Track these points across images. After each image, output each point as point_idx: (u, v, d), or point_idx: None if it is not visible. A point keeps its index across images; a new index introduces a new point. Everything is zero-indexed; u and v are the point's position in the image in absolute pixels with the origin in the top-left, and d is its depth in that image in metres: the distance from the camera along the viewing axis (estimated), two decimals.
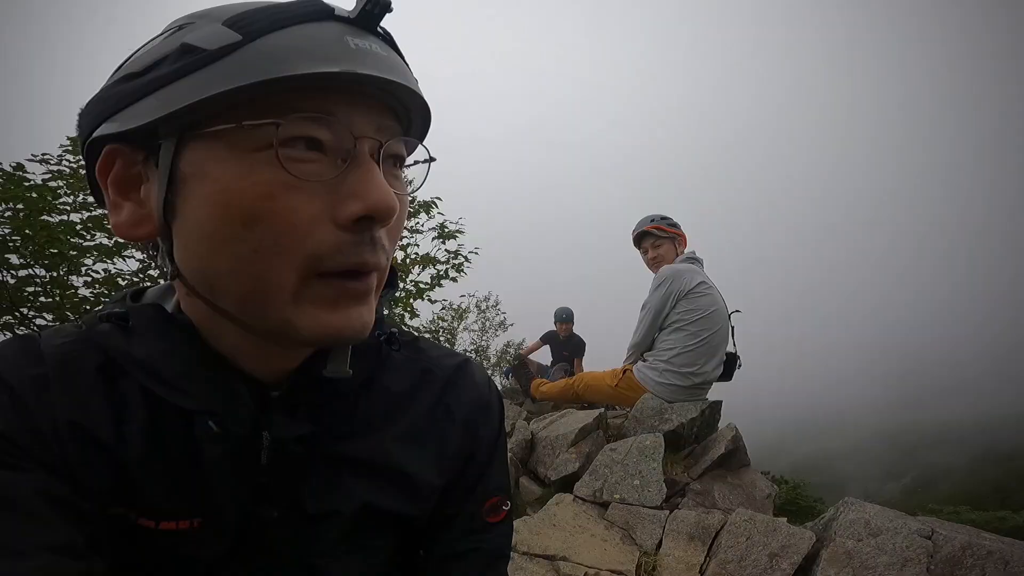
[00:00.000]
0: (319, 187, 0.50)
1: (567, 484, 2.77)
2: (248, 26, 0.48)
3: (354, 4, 0.51)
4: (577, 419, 3.22)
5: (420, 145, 0.59)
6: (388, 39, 0.54)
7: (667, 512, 2.46)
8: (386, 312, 0.74)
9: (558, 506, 2.50)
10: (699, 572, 2.14)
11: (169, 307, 0.62)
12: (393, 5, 0.52)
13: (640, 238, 3.89)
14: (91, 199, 4.10)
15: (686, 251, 3.79)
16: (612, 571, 2.11)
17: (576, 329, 6.27)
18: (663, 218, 3.85)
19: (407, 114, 0.57)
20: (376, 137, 0.52)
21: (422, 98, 0.55)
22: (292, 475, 0.60)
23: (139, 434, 0.55)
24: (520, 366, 4.94)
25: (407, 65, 0.56)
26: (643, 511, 2.46)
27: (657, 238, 3.80)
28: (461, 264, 5.85)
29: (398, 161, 0.57)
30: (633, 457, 2.73)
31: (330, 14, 0.50)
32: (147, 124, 0.49)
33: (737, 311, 3.69)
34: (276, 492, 0.59)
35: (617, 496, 2.56)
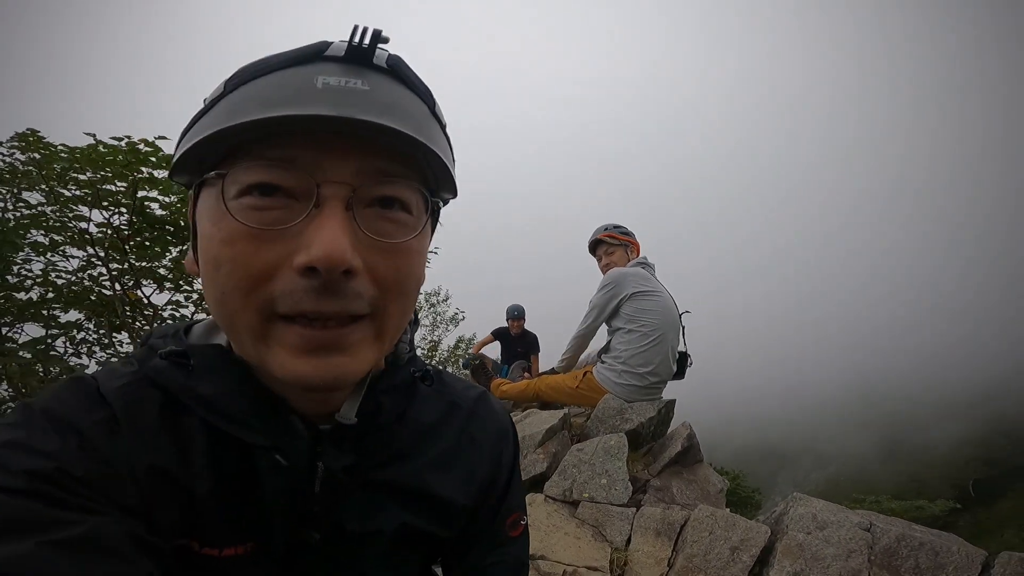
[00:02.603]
0: (284, 234, 0.50)
1: (536, 483, 2.86)
2: (233, 79, 0.52)
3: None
4: (542, 419, 3.31)
5: (419, 188, 0.55)
6: (397, 73, 0.53)
7: (634, 509, 2.58)
8: None
9: (531, 506, 2.59)
10: (667, 565, 2.27)
11: (223, 343, 0.64)
12: (388, 36, 0.51)
13: (595, 246, 4.10)
14: (30, 197, 3.88)
15: (638, 258, 3.97)
16: (588, 567, 2.21)
17: (529, 327, 6.28)
18: (616, 227, 4.06)
19: (417, 154, 0.53)
20: (347, 181, 0.51)
21: (414, 138, 0.50)
22: (337, 500, 0.64)
23: (206, 469, 0.57)
24: (480, 367, 4.90)
25: (423, 98, 0.55)
26: (612, 509, 2.58)
27: (610, 245, 4.01)
28: None
29: (396, 203, 0.54)
30: (599, 457, 2.85)
31: (319, 55, 0.51)
32: (175, 171, 0.55)
33: (687, 312, 3.89)
34: (321, 516, 0.63)
35: (586, 495, 2.67)
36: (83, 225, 3.86)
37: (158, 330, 0.68)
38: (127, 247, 3.98)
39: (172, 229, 4.18)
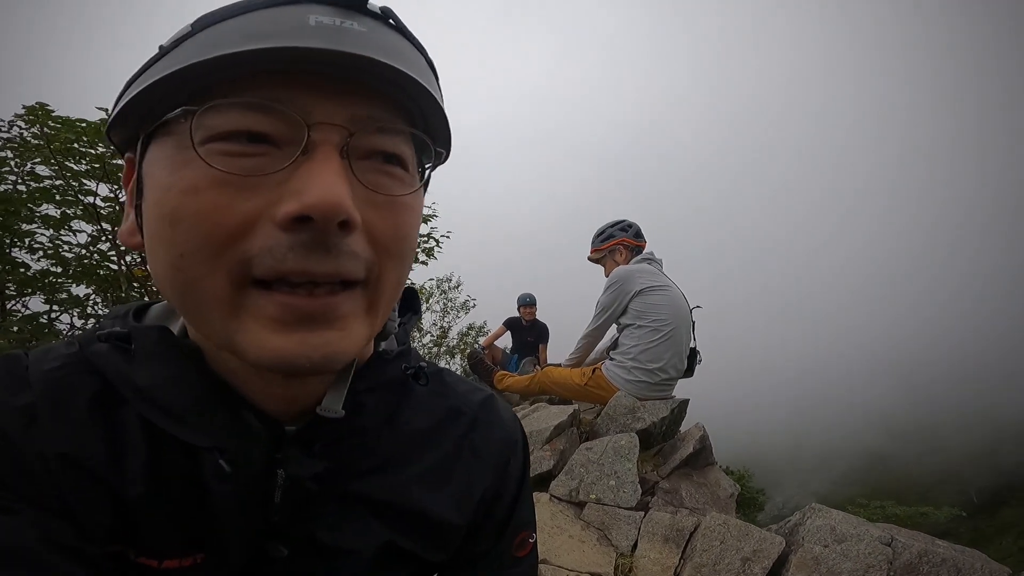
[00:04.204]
0: (264, 182, 0.43)
1: (542, 481, 2.78)
2: (203, 19, 0.45)
3: None
4: (551, 415, 3.22)
5: (413, 133, 0.50)
6: (388, 20, 0.47)
7: (642, 513, 2.50)
8: None
9: (536, 505, 2.51)
10: (674, 574, 2.19)
11: (176, 329, 0.56)
12: None
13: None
14: (40, 170, 3.84)
15: (644, 252, 3.91)
16: (591, 573, 2.14)
17: (539, 316, 6.37)
18: (594, 239, 4.06)
19: (415, 105, 0.49)
20: (342, 125, 0.45)
21: (415, 80, 0.45)
22: (306, 513, 0.56)
23: (140, 470, 0.50)
24: (478, 363, 4.74)
25: (419, 48, 0.50)
26: (619, 512, 2.49)
27: (598, 261, 4.05)
28: (432, 248, 5.79)
29: (395, 159, 0.49)
30: (609, 457, 2.76)
31: None
32: (115, 123, 0.48)
33: (698, 307, 3.81)
34: (288, 530, 0.55)
35: (593, 496, 2.59)
36: (90, 199, 3.81)
37: (113, 310, 0.60)
38: None
39: None
